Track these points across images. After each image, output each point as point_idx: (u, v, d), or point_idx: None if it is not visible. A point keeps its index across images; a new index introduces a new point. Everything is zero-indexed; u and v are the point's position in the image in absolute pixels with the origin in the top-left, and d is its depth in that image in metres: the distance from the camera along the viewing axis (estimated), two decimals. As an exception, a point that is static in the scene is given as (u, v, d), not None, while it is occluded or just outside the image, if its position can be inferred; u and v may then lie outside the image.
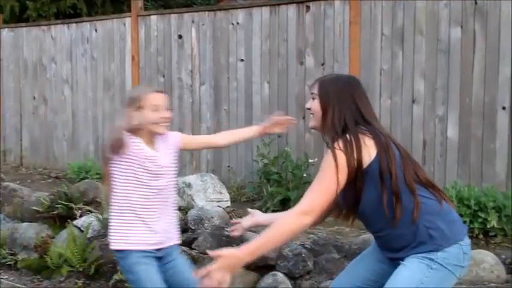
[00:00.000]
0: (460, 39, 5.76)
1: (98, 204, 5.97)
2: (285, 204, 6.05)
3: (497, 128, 5.61)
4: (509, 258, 4.55)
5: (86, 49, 8.63)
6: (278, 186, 6.11)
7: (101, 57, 8.47)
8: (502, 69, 5.59)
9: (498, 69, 5.61)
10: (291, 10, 6.75)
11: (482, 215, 4.93)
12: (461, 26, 5.76)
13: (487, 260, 4.34)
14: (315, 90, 2.80)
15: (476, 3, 5.68)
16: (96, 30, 8.51)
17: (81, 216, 5.90)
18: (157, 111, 3.21)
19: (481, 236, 5.01)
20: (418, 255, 2.57)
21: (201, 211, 5.59)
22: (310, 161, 6.05)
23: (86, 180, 7.05)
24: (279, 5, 6.92)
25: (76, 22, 8.88)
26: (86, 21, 8.82)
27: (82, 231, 5.62)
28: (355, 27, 6.29)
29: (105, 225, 5.31)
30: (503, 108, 5.58)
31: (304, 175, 6.10)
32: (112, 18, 8.48)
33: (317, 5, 6.57)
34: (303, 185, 6.09)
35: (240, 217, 5.89)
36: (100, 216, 5.43)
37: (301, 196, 6.07)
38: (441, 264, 2.55)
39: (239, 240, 4.97)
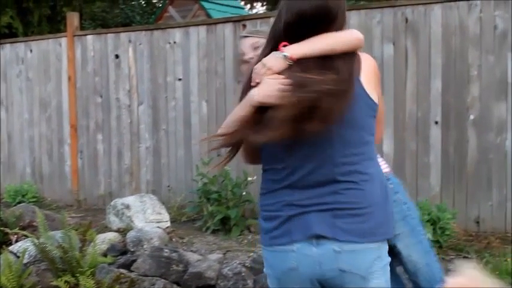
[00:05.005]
0: (392, 56, 5.89)
1: (34, 229, 5.84)
2: (225, 223, 6.05)
3: (431, 142, 5.75)
4: (443, 269, 4.63)
5: (21, 70, 8.48)
6: (218, 205, 6.10)
7: (36, 78, 8.33)
8: (433, 84, 5.74)
9: (430, 85, 5.76)
10: (228, 29, 6.78)
11: (418, 228, 5.01)
12: (394, 43, 5.89)
13: (423, 272, 4.41)
14: None
15: (407, 21, 5.83)
16: (31, 51, 8.37)
17: (17, 241, 5.78)
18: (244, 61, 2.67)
19: (417, 249, 5.09)
20: None
21: (140, 232, 5.54)
22: (249, 179, 6.07)
23: (22, 204, 6.92)
24: (215, 23, 6.96)
25: (10, 42, 8.71)
26: (21, 41, 8.66)
27: (18, 256, 5.48)
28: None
29: (41, 250, 5.21)
30: (436, 122, 5.72)
31: (244, 193, 6.12)
32: (48, 38, 8.35)
33: (253, 23, 6.62)
34: (242, 203, 6.12)
35: (181, 237, 5.90)
36: (36, 241, 5.31)
37: (242, 215, 6.14)
38: None
39: (179, 262, 4.95)
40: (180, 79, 7.12)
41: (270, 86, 2.05)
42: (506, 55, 5.50)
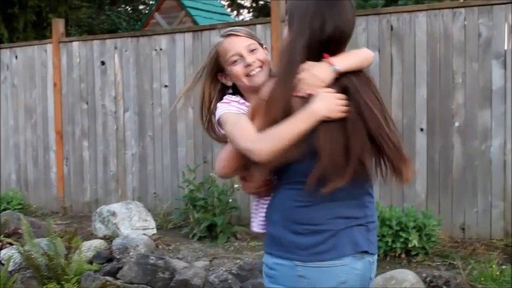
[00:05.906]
0: (378, 63, 5.91)
1: (19, 236, 5.81)
2: (211, 230, 6.05)
3: (416, 149, 5.77)
4: (429, 276, 4.65)
5: (6, 76, 8.43)
6: (204, 212, 6.09)
7: (21, 84, 8.29)
8: (418, 91, 5.77)
9: (415, 92, 5.79)
10: (214, 35, 6.78)
11: (404, 235, 5.04)
12: (379, 50, 5.92)
13: (408, 278, 4.43)
14: None
15: (392, 28, 5.86)
16: (16, 57, 8.33)
17: (1, 248, 5.74)
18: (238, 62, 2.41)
19: (403, 256, 5.11)
20: None
21: (126, 240, 5.52)
22: (235, 186, 6.05)
23: (7, 211, 6.87)
24: (201, 30, 6.96)
25: (-5, 49, 8.68)
26: (6, 47, 8.62)
27: (3, 264, 5.45)
28: (276, 51, 6.37)
29: (26, 257, 5.17)
30: (421, 129, 5.76)
31: (230, 200, 6.11)
32: (33, 45, 8.32)
33: (239, 30, 6.61)
34: (229, 210, 6.12)
35: (167, 244, 5.88)
36: (21, 249, 5.28)
37: (228, 222, 6.13)
38: None
39: (165, 269, 4.94)
40: (166, 86, 7.12)
41: (332, 101, 2.08)
42: (490, 63, 5.55)
